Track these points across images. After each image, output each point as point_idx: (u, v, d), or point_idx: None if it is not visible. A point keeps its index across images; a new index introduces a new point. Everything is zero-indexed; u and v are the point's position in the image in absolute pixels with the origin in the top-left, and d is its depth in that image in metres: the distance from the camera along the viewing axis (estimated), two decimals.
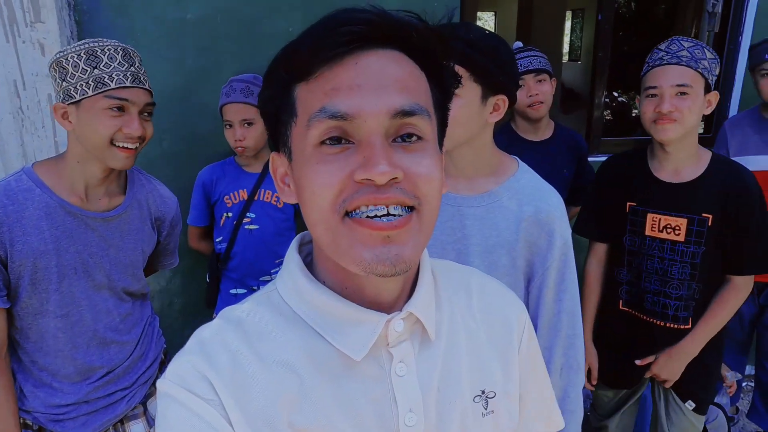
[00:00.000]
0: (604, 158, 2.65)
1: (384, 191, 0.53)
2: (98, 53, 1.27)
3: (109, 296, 1.43)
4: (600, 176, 1.86)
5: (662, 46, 1.62)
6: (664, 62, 1.57)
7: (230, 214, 2.05)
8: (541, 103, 2.18)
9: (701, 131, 3.43)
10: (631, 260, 1.77)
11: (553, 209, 1.22)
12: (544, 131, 2.28)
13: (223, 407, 0.56)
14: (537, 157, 2.10)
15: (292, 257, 0.66)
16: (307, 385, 0.59)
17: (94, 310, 1.40)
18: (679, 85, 1.54)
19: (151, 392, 1.58)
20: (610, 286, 1.85)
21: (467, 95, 1.17)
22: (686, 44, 1.57)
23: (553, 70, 2.28)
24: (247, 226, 2.04)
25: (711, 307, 1.71)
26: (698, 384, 1.78)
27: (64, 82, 1.28)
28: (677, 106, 1.54)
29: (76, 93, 1.28)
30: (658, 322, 1.74)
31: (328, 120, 0.54)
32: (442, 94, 0.63)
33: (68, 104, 1.29)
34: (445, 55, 0.61)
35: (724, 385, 2.37)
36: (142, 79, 1.34)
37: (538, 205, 1.21)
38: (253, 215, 2.04)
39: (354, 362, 0.60)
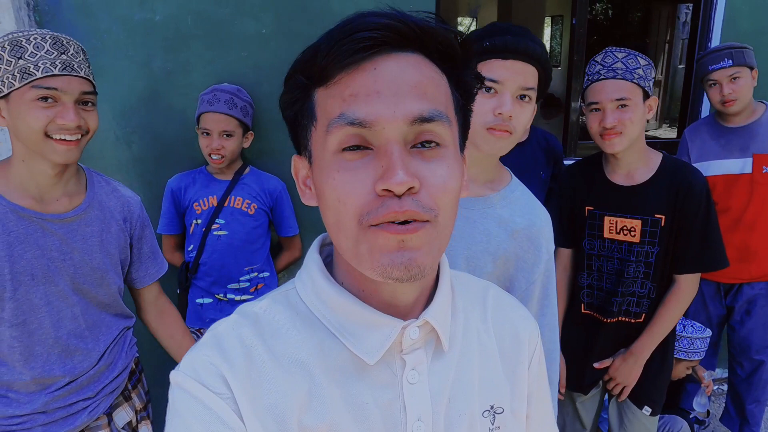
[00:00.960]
0: None
1: (402, 204, 0.53)
2: (23, 43, 1.21)
3: (76, 302, 1.36)
4: (561, 183, 1.92)
5: (598, 59, 1.66)
6: (601, 77, 1.63)
7: (199, 221, 2.01)
8: None
9: (674, 137, 3.47)
10: (590, 264, 1.80)
11: (544, 224, 1.21)
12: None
13: (235, 402, 0.57)
14: (513, 158, 2.11)
15: (312, 257, 0.66)
16: (318, 385, 0.60)
17: (56, 317, 1.33)
18: (618, 99, 1.59)
19: (117, 402, 1.50)
20: (572, 291, 1.88)
21: (533, 102, 1.15)
22: (620, 55, 1.62)
23: None
24: (215, 232, 2.00)
25: (658, 311, 1.74)
26: (651, 384, 1.81)
27: None
28: (620, 119, 1.59)
29: (4, 86, 1.21)
30: (614, 319, 1.77)
31: (347, 126, 0.54)
32: (464, 96, 0.63)
33: None
34: (466, 57, 0.61)
35: (702, 385, 2.37)
36: (75, 66, 1.26)
37: (530, 218, 1.20)
38: (222, 221, 2.00)
39: (367, 366, 0.61)
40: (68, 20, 1.99)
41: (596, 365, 1.81)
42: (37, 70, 1.21)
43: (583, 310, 1.84)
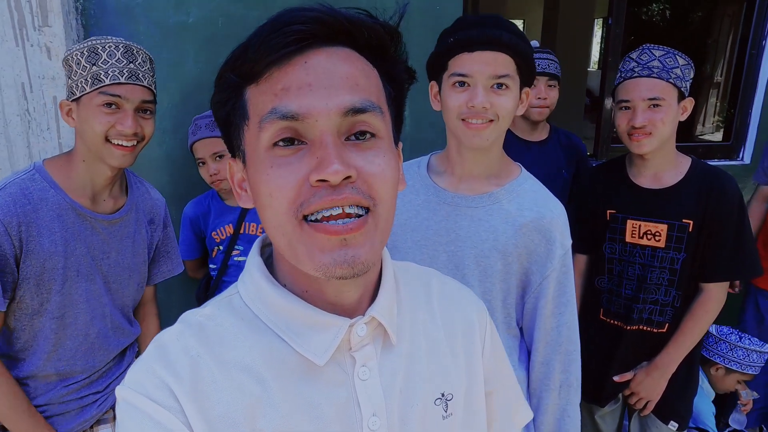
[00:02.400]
0: None
1: (339, 191, 0.53)
2: (99, 50, 1.29)
3: (107, 302, 1.43)
4: (580, 187, 1.86)
5: (634, 56, 1.60)
6: (635, 74, 1.56)
7: (221, 248, 2.10)
8: (547, 107, 2.19)
9: (721, 139, 3.30)
10: (611, 268, 1.75)
11: (556, 216, 1.18)
12: (541, 132, 2.27)
13: (184, 414, 0.56)
14: (534, 156, 2.12)
15: (253, 260, 0.65)
16: (269, 390, 0.59)
17: (90, 314, 1.40)
18: (651, 99, 1.53)
19: None
20: (590, 296, 1.83)
21: (514, 87, 1.14)
22: (657, 53, 1.56)
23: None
24: (236, 258, 2.08)
25: (684, 321, 1.66)
26: (678, 398, 1.74)
27: (69, 80, 1.31)
28: (650, 119, 1.53)
29: (77, 90, 1.30)
30: (634, 327, 1.71)
31: (279, 121, 0.54)
32: (396, 90, 0.63)
33: (71, 101, 1.32)
34: (396, 51, 0.61)
35: (739, 402, 2.25)
36: (140, 75, 1.33)
37: (540, 210, 1.17)
38: (241, 248, 2.08)
39: (317, 367, 0.60)
40: (111, 24, 2.12)
41: (616, 379, 1.74)
42: (106, 77, 1.28)
43: (601, 316, 1.77)
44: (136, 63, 1.33)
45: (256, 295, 0.63)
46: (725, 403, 2.39)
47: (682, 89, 1.56)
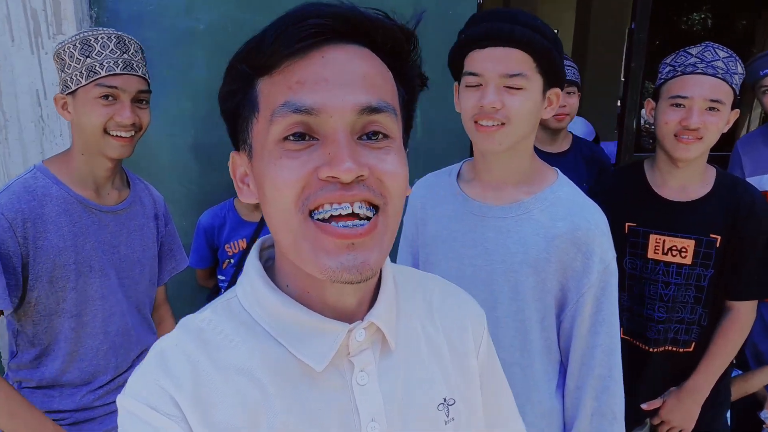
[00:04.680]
0: None
1: (349, 188, 0.52)
2: (91, 42, 1.28)
3: (122, 298, 1.42)
4: (594, 196, 1.72)
5: (693, 51, 1.45)
6: (698, 70, 1.41)
7: (232, 261, 2.09)
8: (567, 115, 2.12)
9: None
10: (632, 285, 1.62)
11: (593, 227, 1.07)
12: (562, 143, 2.19)
13: (186, 421, 0.56)
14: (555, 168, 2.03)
15: (252, 263, 0.65)
16: (269, 396, 0.59)
17: (108, 311, 1.39)
18: (712, 100, 1.39)
19: None
20: None
21: (532, 87, 1.05)
22: (721, 54, 1.42)
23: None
24: None
25: (714, 342, 1.54)
26: (712, 419, 1.62)
27: (63, 73, 1.30)
28: (705, 122, 1.39)
29: (72, 83, 1.29)
30: (660, 348, 1.60)
31: (292, 114, 0.53)
32: (408, 94, 0.62)
33: (66, 95, 1.31)
34: (411, 54, 0.60)
35: (764, 426, 2.09)
36: (134, 66, 1.32)
37: (574, 221, 1.07)
38: None
39: (315, 372, 0.60)
40: (123, 31, 2.11)
41: (644, 407, 1.62)
42: (102, 69, 1.27)
43: (621, 335, 1.64)
44: (130, 53, 1.32)
45: (255, 299, 0.62)
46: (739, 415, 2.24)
47: (737, 98, 1.44)
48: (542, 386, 1.13)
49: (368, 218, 0.54)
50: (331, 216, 0.53)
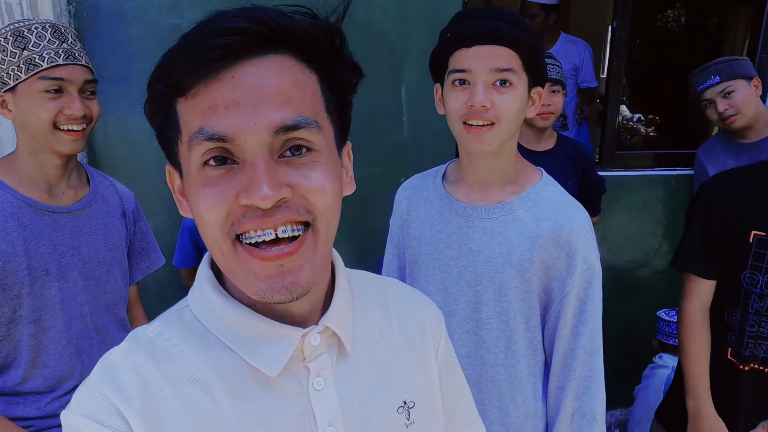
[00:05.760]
0: (619, 173, 2.54)
1: (270, 214, 0.52)
2: (25, 33, 1.21)
3: (86, 300, 1.37)
4: (708, 197, 1.52)
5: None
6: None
7: None
8: (552, 113, 2.13)
9: None
10: (748, 302, 1.47)
11: (576, 227, 1.07)
12: (547, 141, 2.21)
13: None
14: (540, 167, 2.04)
15: (203, 272, 0.64)
16: (221, 405, 0.58)
17: (68, 314, 1.34)
18: None
19: None
20: (716, 331, 1.55)
21: (519, 85, 1.04)
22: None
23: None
24: None
25: None
26: None
27: None
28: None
29: (10, 79, 1.22)
30: (750, 366, 1.48)
31: (207, 142, 0.52)
32: (340, 92, 0.60)
33: (4, 92, 1.24)
34: (338, 52, 0.58)
35: None
36: (77, 55, 1.26)
37: (558, 220, 1.07)
38: None
39: (270, 378, 0.59)
40: (105, 27, 2.10)
41: None
42: (43, 61, 1.20)
43: (729, 356, 1.53)
44: (68, 42, 1.25)
45: (207, 307, 0.61)
46: None
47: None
48: (527, 387, 1.14)
49: (294, 237, 0.53)
50: (256, 242, 0.53)
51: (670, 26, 9.65)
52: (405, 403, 0.68)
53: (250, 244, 0.53)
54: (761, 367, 1.48)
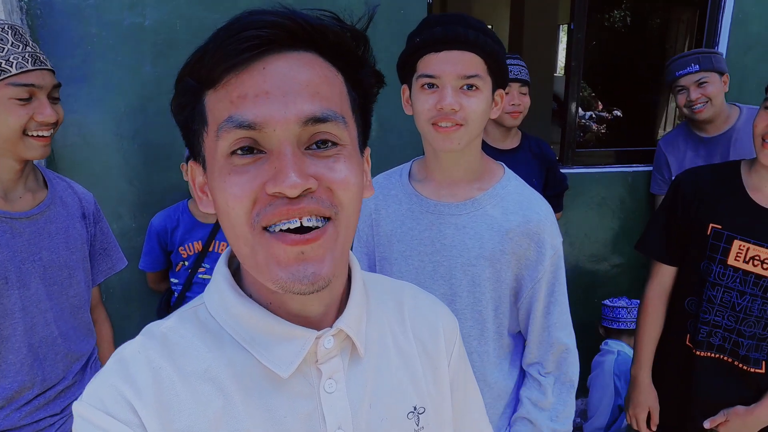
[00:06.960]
0: (579, 170, 2.64)
1: (296, 203, 0.52)
2: None
3: (49, 307, 1.32)
4: (678, 188, 1.61)
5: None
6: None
7: (186, 263, 2.03)
8: (520, 113, 2.20)
9: None
10: (705, 291, 1.54)
11: (543, 218, 1.15)
12: (513, 139, 2.28)
13: (144, 428, 0.55)
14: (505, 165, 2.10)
15: (220, 270, 0.64)
16: (232, 403, 0.58)
17: (30, 323, 1.29)
18: None
19: None
20: (674, 317, 1.64)
21: (485, 88, 1.09)
22: None
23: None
24: (201, 276, 2.02)
25: None
26: None
27: None
28: None
29: None
30: (727, 360, 1.55)
31: (236, 130, 0.52)
32: (362, 95, 0.61)
33: None
34: (361, 55, 0.59)
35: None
36: (41, 59, 1.22)
37: (526, 214, 1.14)
38: (207, 266, 2.02)
39: (282, 379, 0.59)
40: (60, 24, 2.02)
41: (707, 425, 1.57)
42: (11, 66, 1.16)
43: (686, 342, 1.60)
44: (30, 45, 1.22)
45: (222, 305, 0.61)
46: None
47: None
48: (495, 369, 1.22)
49: (317, 227, 0.54)
50: (281, 230, 0.53)
51: (617, 26, 10.01)
52: (415, 408, 0.68)
53: (274, 233, 0.54)
54: (716, 355, 1.56)
